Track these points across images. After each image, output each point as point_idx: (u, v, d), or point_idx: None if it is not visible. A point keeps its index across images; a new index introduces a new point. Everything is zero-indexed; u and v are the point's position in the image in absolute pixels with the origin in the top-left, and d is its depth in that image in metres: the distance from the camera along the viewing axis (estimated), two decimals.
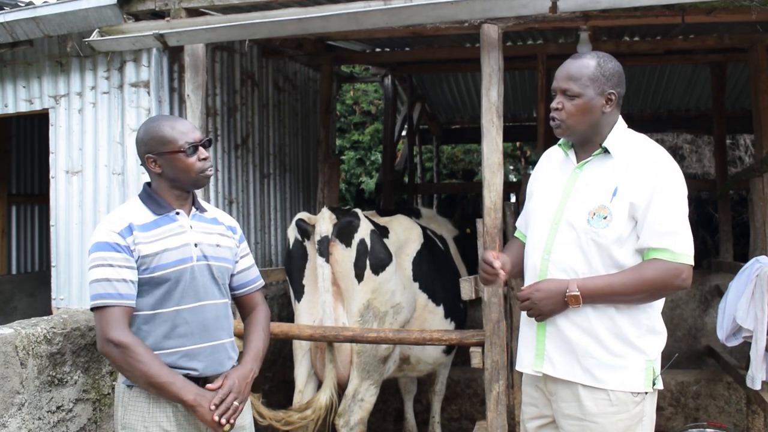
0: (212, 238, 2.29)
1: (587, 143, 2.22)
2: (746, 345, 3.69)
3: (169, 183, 2.25)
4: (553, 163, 2.35)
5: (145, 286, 2.17)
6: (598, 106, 2.14)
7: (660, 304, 2.19)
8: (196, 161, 2.22)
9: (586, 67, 2.15)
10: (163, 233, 2.20)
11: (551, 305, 2.13)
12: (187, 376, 2.16)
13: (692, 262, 2.09)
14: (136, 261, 2.14)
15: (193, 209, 2.31)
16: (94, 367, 2.79)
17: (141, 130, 2.29)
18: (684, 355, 5.40)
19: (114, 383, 2.90)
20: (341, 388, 3.63)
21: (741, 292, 3.64)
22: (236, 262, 2.38)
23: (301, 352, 3.63)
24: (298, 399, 3.57)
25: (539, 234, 2.24)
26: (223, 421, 2.08)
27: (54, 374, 2.56)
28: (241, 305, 2.46)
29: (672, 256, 2.06)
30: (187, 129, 2.23)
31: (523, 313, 2.27)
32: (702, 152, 10.26)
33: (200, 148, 2.23)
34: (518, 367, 2.30)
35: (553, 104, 2.20)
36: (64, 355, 2.61)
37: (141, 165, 2.30)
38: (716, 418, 4.71)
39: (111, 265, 2.10)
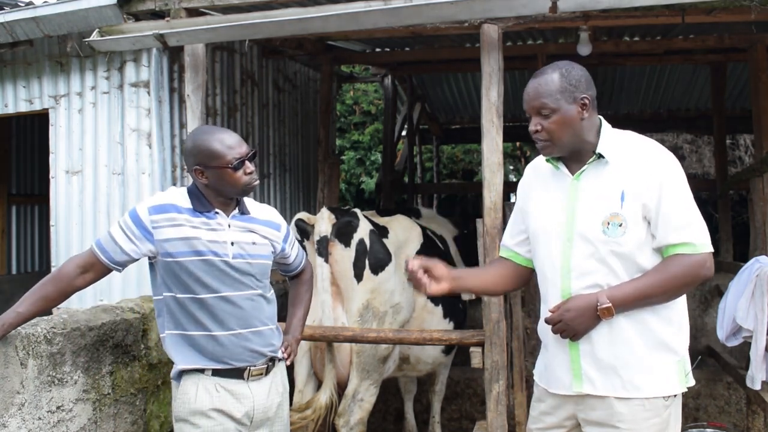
0: (249, 236, 2.38)
1: (576, 153, 2.17)
2: (746, 345, 3.68)
3: (215, 192, 2.33)
4: (544, 178, 2.28)
5: (174, 268, 2.27)
6: (575, 115, 2.10)
7: (684, 297, 2.16)
8: (243, 175, 2.29)
9: (551, 81, 2.10)
10: (197, 223, 2.30)
11: (584, 322, 2.07)
12: (218, 365, 2.29)
13: (712, 249, 2.06)
14: (152, 240, 2.27)
15: (236, 210, 2.39)
16: (94, 367, 2.79)
17: (189, 142, 2.35)
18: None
19: (114, 383, 2.91)
20: (341, 388, 3.63)
21: (741, 292, 3.63)
22: (285, 255, 2.56)
23: (301, 352, 3.62)
24: (297, 399, 3.57)
25: (552, 253, 2.17)
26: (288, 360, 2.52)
27: (54, 374, 2.56)
28: (291, 279, 2.77)
29: (693, 249, 2.02)
30: (234, 143, 2.29)
31: (550, 334, 2.19)
32: (702, 152, 10.27)
33: (246, 162, 2.30)
34: (554, 390, 2.22)
35: (531, 127, 2.15)
36: (64, 355, 2.61)
37: (188, 173, 2.41)
38: (716, 418, 4.71)
39: (125, 233, 2.29)
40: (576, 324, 2.09)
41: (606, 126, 2.18)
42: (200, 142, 2.30)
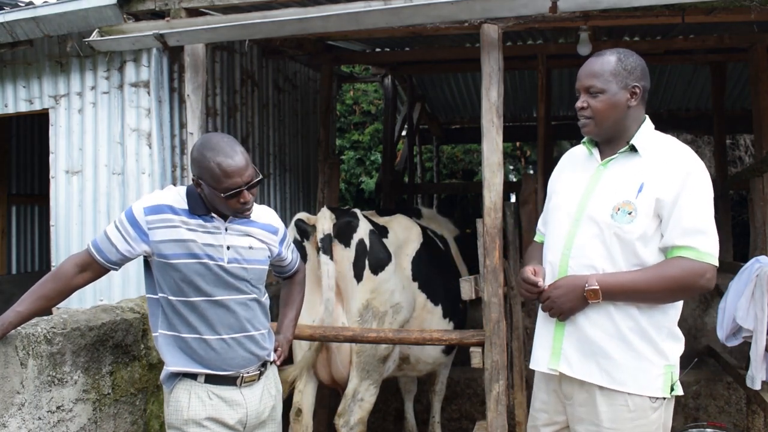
0: (245, 240, 2.35)
1: (613, 141, 2.19)
2: (746, 345, 3.68)
3: (209, 203, 2.30)
4: (576, 162, 2.31)
5: (169, 270, 2.25)
6: (623, 100, 2.12)
7: (679, 308, 2.14)
8: (236, 203, 2.23)
9: (607, 63, 2.14)
10: (193, 225, 2.28)
11: (570, 301, 2.08)
12: (210, 371, 2.27)
13: (717, 263, 2.04)
14: (148, 241, 2.25)
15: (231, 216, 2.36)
16: (94, 367, 2.79)
17: (195, 150, 2.25)
18: (684, 355, 5.40)
19: (114, 383, 2.91)
20: (341, 388, 3.63)
21: (741, 292, 3.63)
22: (281, 258, 2.55)
23: (301, 352, 3.63)
24: (297, 399, 3.57)
25: (559, 230, 2.20)
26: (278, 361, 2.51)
27: (54, 374, 2.56)
28: (285, 279, 2.76)
29: (697, 255, 2.01)
30: (234, 171, 2.16)
31: (540, 311, 2.21)
32: (702, 152, 10.26)
33: (243, 192, 2.21)
34: (532, 365, 2.24)
35: (578, 104, 2.18)
36: (64, 355, 2.61)
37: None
38: (716, 418, 4.71)
39: (120, 233, 2.27)
40: (561, 302, 2.10)
41: (648, 123, 2.20)
42: (203, 156, 2.20)
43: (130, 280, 3.80)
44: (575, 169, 2.29)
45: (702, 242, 2.02)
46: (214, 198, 2.24)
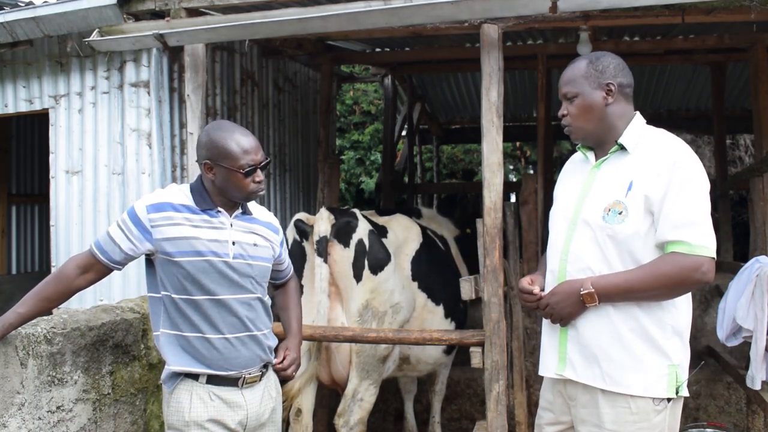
0: (250, 237, 2.36)
1: (603, 142, 2.18)
2: (746, 345, 3.68)
3: (219, 190, 2.30)
4: (575, 167, 2.33)
5: (172, 268, 2.24)
6: (598, 99, 2.13)
7: (687, 306, 2.11)
8: (251, 182, 2.27)
9: (578, 68, 2.17)
10: (197, 221, 2.27)
11: (568, 307, 2.08)
12: (213, 371, 2.26)
13: (713, 255, 1.99)
14: (151, 239, 2.25)
15: (238, 210, 2.37)
16: (94, 367, 2.79)
17: (205, 135, 2.30)
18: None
19: (114, 383, 2.91)
20: (341, 388, 3.63)
21: (741, 292, 3.63)
22: (281, 260, 2.55)
23: (300, 351, 3.63)
24: (297, 399, 3.57)
25: (557, 236, 2.20)
26: (291, 372, 2.50)
27: (54, 374, 2.56)
28: (278, 287, 2.72)
29: (689, 249, 1.96)
30: (251, 148, 2.25)
31: (545, 319, 2.22)
32: (702, 152, 10.27)
33: (258, 171, 2.27)
34: (541, 372, 2.24)
35: (560, 113, 2.22)
36: (64, 355, 2.61)
37: (197, 162, 2.39)
38: (716, 418, 4.71)
39: (123, 232, 2.27)
40: (560, 308, 2.10)
41: (638, 120, 2.19)
42: (217, 138, 2.26)
43: (130, 280, 3.80)
44: (573, 175, 2.30)
45: (694, 235, 1.97)
46: (228, 179, 2.25)
